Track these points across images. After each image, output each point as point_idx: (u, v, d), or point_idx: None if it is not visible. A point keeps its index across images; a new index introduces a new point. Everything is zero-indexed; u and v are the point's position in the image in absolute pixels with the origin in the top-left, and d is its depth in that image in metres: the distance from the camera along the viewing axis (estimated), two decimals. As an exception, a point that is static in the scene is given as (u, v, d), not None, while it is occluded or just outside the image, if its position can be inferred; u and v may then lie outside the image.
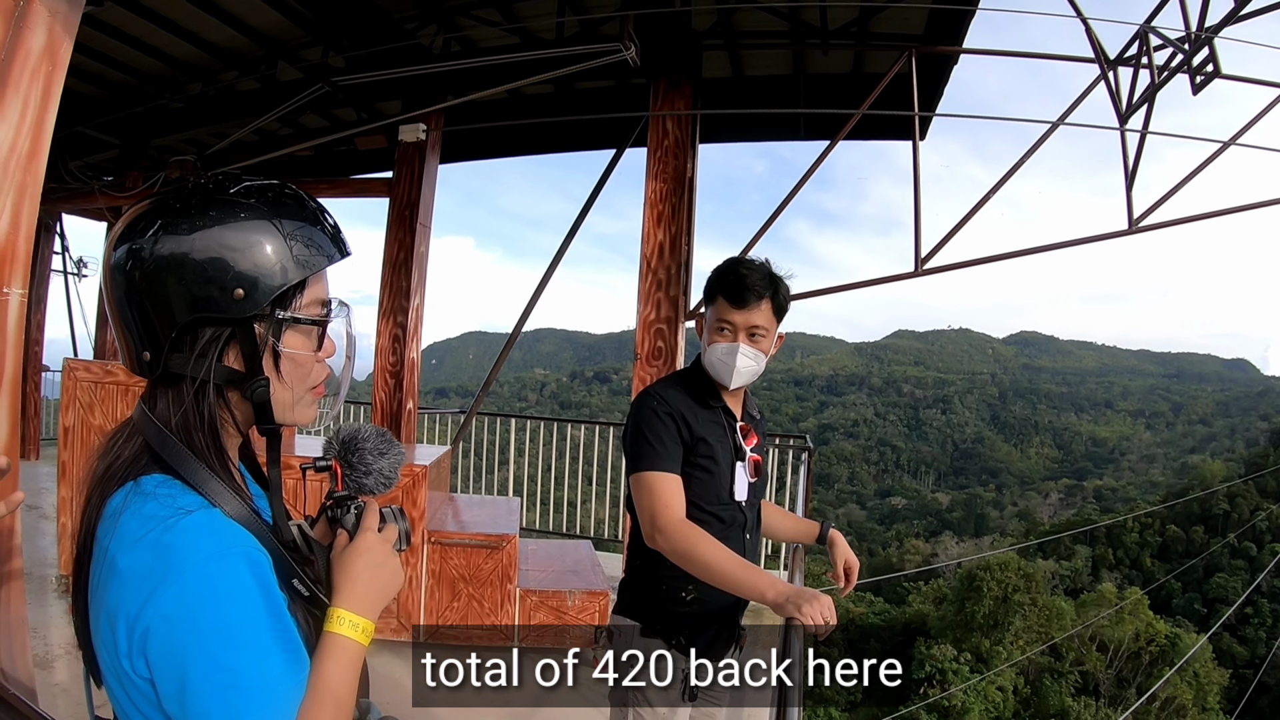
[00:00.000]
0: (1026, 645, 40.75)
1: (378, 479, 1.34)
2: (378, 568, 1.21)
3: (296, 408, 1.23)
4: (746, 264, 2.46)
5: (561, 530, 8.43)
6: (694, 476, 2.42)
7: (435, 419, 9.91)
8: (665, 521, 2.30)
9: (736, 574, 2.22)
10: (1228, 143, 6.29)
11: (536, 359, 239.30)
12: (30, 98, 2.01)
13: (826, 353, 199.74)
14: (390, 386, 7.07)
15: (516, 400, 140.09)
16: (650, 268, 6.22)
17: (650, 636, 2.44)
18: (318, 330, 1.21)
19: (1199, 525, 62.80)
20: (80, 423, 5.23)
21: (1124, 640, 41.00)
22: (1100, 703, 39.17)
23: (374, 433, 1.36)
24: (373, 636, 1.18)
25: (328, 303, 1.23)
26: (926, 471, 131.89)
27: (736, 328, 2.42)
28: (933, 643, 41.75)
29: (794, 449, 7.61)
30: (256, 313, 1.13)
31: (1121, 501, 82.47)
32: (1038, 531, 64.46)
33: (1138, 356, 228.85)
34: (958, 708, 37.79)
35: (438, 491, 5.71)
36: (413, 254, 7.11)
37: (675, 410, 2.41)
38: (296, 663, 1.09)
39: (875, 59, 7.19)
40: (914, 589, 51.19)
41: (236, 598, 1.04)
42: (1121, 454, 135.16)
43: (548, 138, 8.78)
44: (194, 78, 7.98)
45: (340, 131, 7.62)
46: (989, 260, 6.37)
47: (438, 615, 5.14)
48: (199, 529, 1.06)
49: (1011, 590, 41.58)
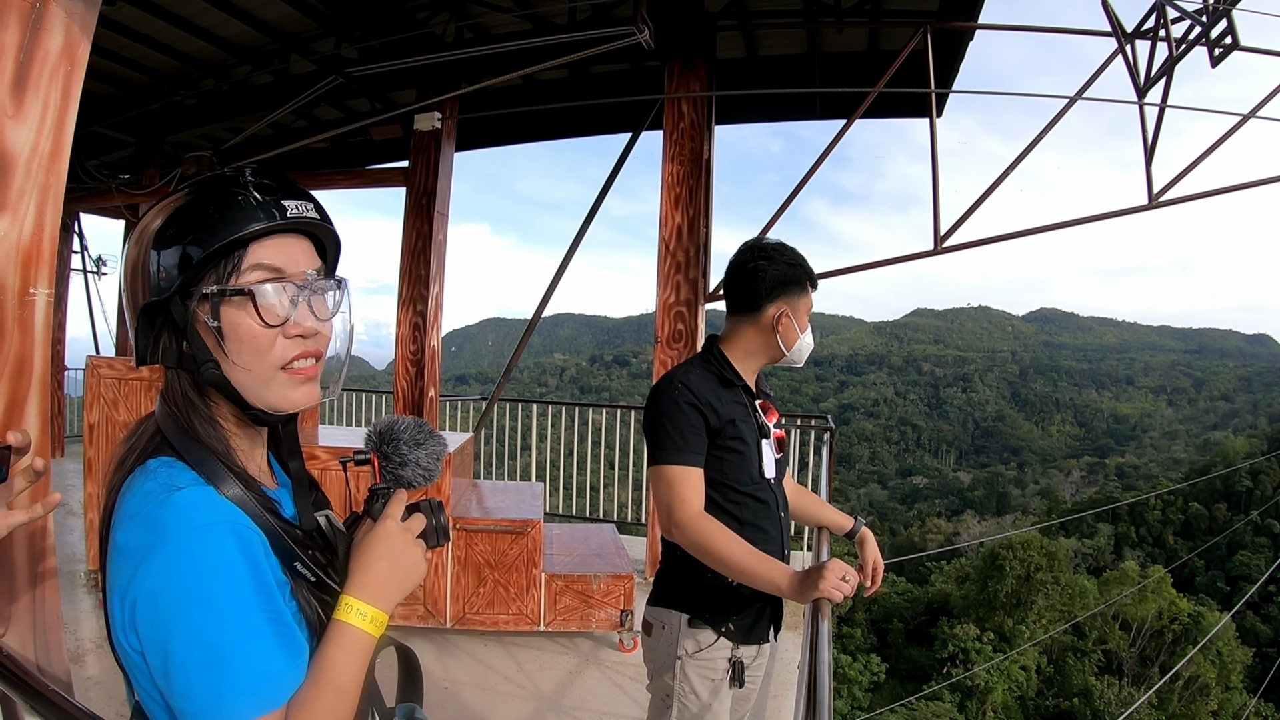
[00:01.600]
0: (1049, 624, 40.72)
1: (415, 470, 1.32)
2: (395, 556, 1.21)
3: (270, 388, 1.20)
4: (795, 250, 2.55)
5: (585, 514, 8.49)
6: (725, 459, 2.42)
7: (457, 406, 9.95)
8: (682, 515, 2.30)
9: (754, 567, 2.23)
10: (1247, 115, 6.21)
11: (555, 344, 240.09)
12: (50, 99, 2.02)
13: (845, 332, 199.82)
14: (412, 375, 7.09)
15: (537, 385, 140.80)
16: (669, 250, 6.21)
17: (699, 627, 2.44)
18: (251, 302, 1.16)
19: (1222, 502, 62.47)
20: (105, 419, 5.28)
21: (1147, 619, 40.89)
22: (1124, 681, 39.09)
23: (411, 424, 1.35)
24: (385, 627, 1.18)
25: (281, 272, 1.18)
26: (948, 450, 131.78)
27: None
28: (956, 622, 41.80)
29: (815, 429, 7.61)
30: (177, 291, 1.14)
31: (1144, 479, 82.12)
32: (1060, 510, 64.26)
33: (1159, 332, 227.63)
34: (981, 687, 37.78)
35: (461, 478, 5.74)
36: (431, 242, 7.12)
37: (700, 398, 2.40)
38: (291, 645, 1.09)
39: (890, 36, 7.14)
40: (936, 568, 51.22)
41: (221, 571, 1.05)
42: (1143, 431, 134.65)
43: (563, 123, 8.77)
44: (207, 73, 7.99)
45: (355, 123, 7.61)
46: (1009, 237, 6.32)
47: (464, 601, 5.17)
48: (188, 504, 1.08)
49: (1034, 569, 41.51)
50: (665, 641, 2.50)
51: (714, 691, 2.43)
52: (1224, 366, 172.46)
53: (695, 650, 2.43)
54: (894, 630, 44.11)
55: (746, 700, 2.68)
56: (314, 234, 1.26)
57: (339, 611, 1.15)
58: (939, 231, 6.12)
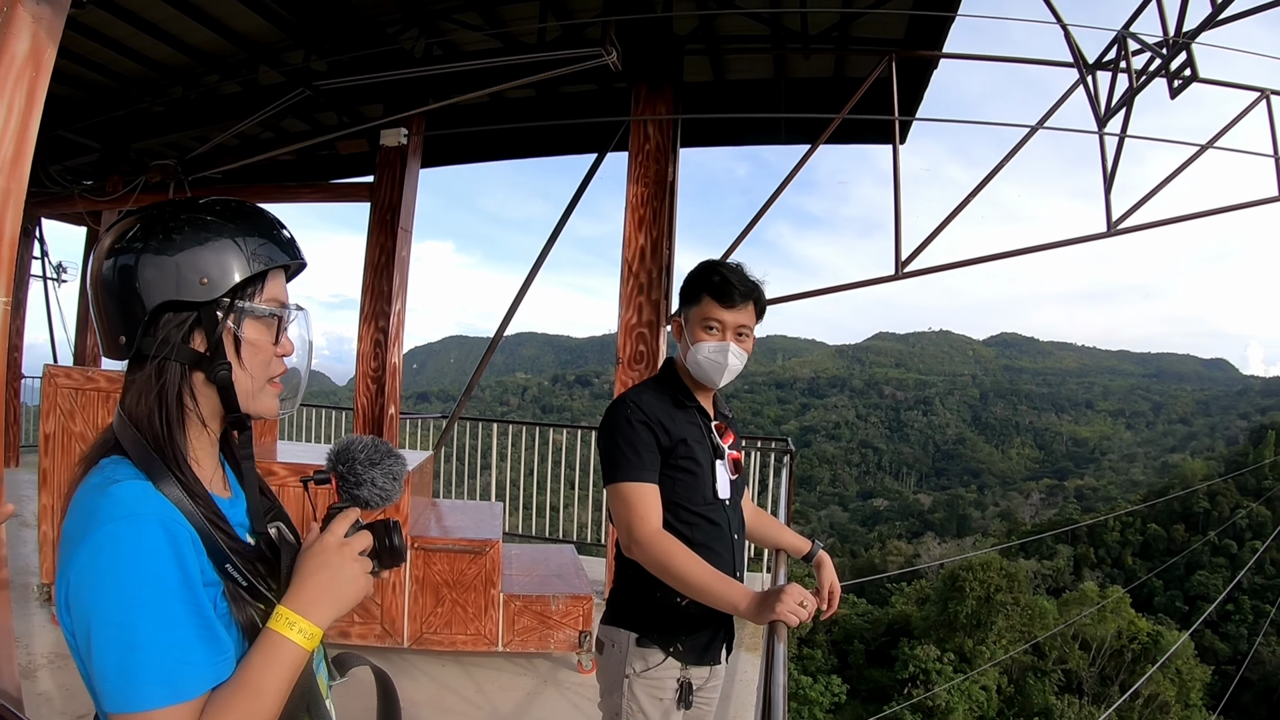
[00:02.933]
0: (1009, 644, 40.95)
1: (371, 489, 1.34)
2: (331, 570, 1.24)
3: (258, 396, 1.31)
4: (728, 266, 2.48)
5: (544, 535, 8.43)
6: (677, 479, 2.42)
7: (418, 424, 9.89)
8: (642, 533, 2.31)
9: (712, 586, 2.23)
10: (1205, 146, 6.34)
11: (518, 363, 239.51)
12: (14, 103, 2.00)
13: (807, 355, 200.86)
14: (372, 392, 7.04)
15: (498, 404, 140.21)
16: (631, 271, 6.22)
17: (647, 645, 2.44)
18: (275, 324, 1.32)
19: (1180, 523, 63.39)
20: (61, 429, 5.20)
21: (1106, 638, 41.29)
22: (1084, 700, 39.43)
23: (368, 443, 1.38)
24: (318, 641, 1.20)
25: (285, 304, 1.34)
26: (908, 473, 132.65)
27: (725, 326, 2.44)
28: (916, 643, 41.97)
29: (775, 451, 7.64)
30: (218, 298, 1.24)
31: (1103, 501, 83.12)
32: (1019, 531, 64.91)
33: (1118, 357, 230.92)
34: (942, 707, 37.90)
35: (421, 497, 5.70)
36: (394, 258, 7.08)
37: (651, 416, 2.41)
38: (211, 641, 1.13)
39: (856, 63, 7.22)
40: (897, 590, 51.47)
41: (143, 559, 1.09)
42: (1102, 453, 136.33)
43: (529, 142, 8.78)
44: (175, 81, 7.92)
45: (321, 136, 7.58)
46: (969, 263, 6.40)
47: (422, 621, 5.13)
48: (121, 494, 1.14)
49: (994, 590, 41.80)
50: (614, 660, 2.50)
51: (663, 712, 2.44)
52: (1182, 390, 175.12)
53: (643, 669, 2.43)
54: (855, 651, 44.20)
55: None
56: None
57: (271, 620, 1.18)
58: (900, 256, 6.18)
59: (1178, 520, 64.35)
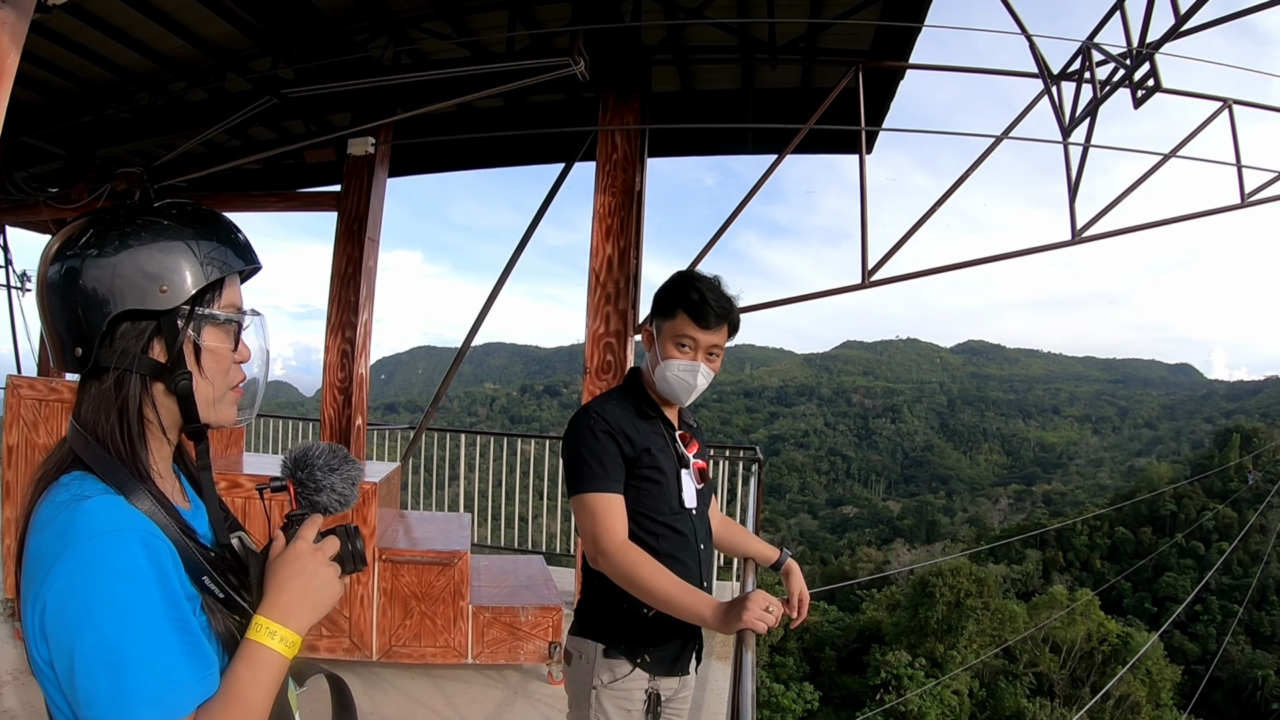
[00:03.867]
0: (980, 649, 41.21)
1: (330, 495, 1.35)
2: (307, 577, 1.23)
3: (218, 405, 1.30)
4: (706, 283, 2.46)
5: (513, 545, 8.38)
6: (642, 489, 2.42)
7: (385, 435, 9.81)
8: (607, 544, 2.30)
9: (679, 597, 2.22)
10: (1168, 155, 6.44)
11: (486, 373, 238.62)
12: (-25, 108, 1.97)
13: (776, 364, 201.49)
14: (339, 402, 6.99)
15: (466, 415, 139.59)
16: (599, 281, 6.21)
17: (614, 657, 2.44)
18: (234, 331, 1.31)
19: (1147, 526, 64.11)
20: (24, 441, 5.11)
21: (1077, 640, 41.67)
22: (1055, 703, 39.77)
23: (326, 449, 1.38)
24: (298, 648, 1.20)
25: (242, 309, 1.32)
26: (877, 480, 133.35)
27: (698, 345, 2.44)
28: (888, 649, 42.15)
29: (744, 460, 7.64)
30: (177, 307, 1.22)
31: (1070, 505, 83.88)
32: (988, 536, 65.38)
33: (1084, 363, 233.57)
34: (914, 712, 38.07)
35: (388, 508, 5.66)
36: (361, 268, 7.04)
37: (615, 426, 2.40)
38: (198, 657, 1.12)
39: (823, 74, 7.28)
40: (867, 596, 51.67)
41: (127, 575, 1.07)
42: (1069, 458, 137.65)
43: (498, 151, 8.76)
44: (142, 87, 7.84)
45: (289, 144, 7.53)
46: (935, 271, 6.46)
47: (390, 634, 5.08)
48: (96, 510, 1.12)
49: (964, 595, 42.05)
50: (582, 671, 2.49)
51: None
52: (1147, 395, 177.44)
53: (611, 680, 2.42)
54: (826, 658, 44.31)
55: None
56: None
57: (250, 630, 1.17)
58: (867, 265, 6.22)
59: (1145, 523, 65.07)
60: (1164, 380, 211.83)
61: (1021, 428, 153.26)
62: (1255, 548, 57.37)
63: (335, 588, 1.27)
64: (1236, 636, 50.37)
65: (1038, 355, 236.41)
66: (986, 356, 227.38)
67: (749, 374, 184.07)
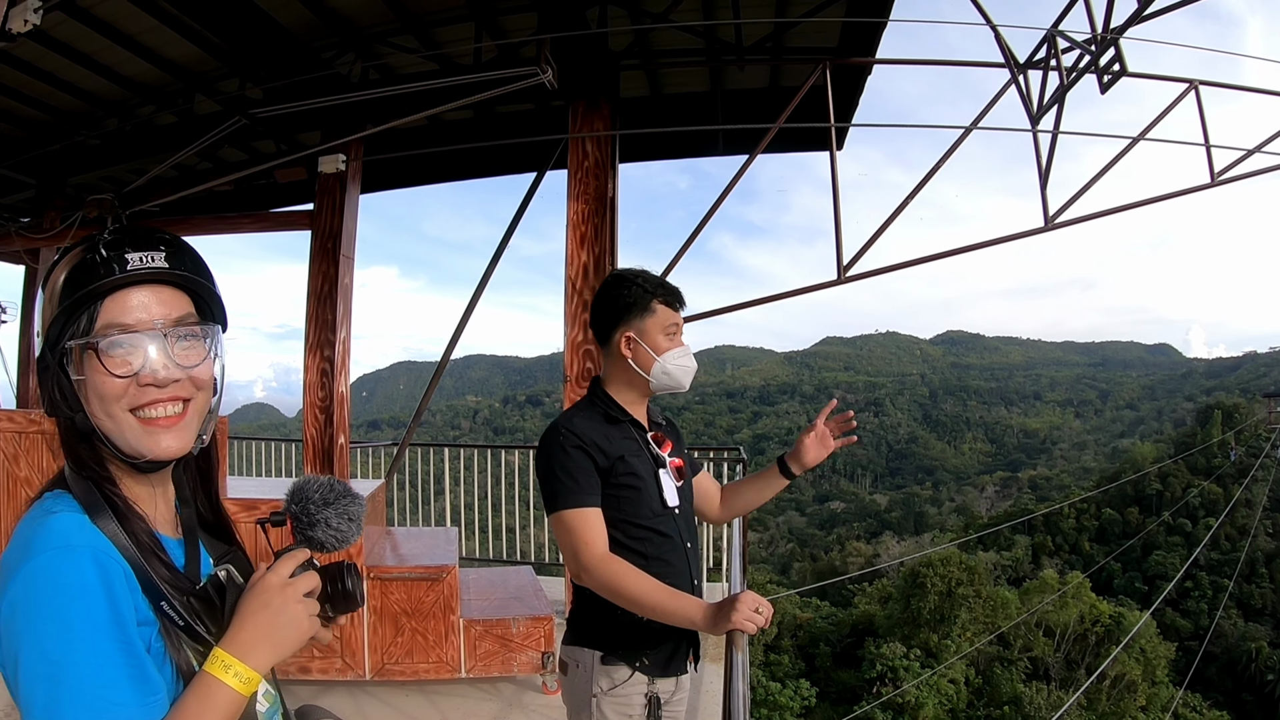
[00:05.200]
0: (974, 636, 41.37)
1: (325, 530, 1.31)
2: (271, 612, 1.19)
3: (126, 435, 1.22)
4: (646, 273, 2.55)
5: (502, 557, 8.36)
6: (622, 496, 2.42)
7: (369, 453, 9.76)
8: (589, 559, 2.31)
9: (666, 604, 2.23)
10: (1137, 138, 6.50)
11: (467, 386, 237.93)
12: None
13: (757, 363, 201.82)
14: (321, 422, 6.94)
15: (450, 429, 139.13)
16: (575, 289, 6.21)
17: (612, 663, 2.43)
18: (97, 354, 1.20)
19: (1134, 506, 64.54)
20: (5, 474, 5.06)
21: (1069, 623, 41.93)
22: (1051, 686, 39.96)
23: (324, 483, 1.35)
24: (255, 685, 1.16)
25: (130, 326, 1.21)
26: (863, 474, 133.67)
27: (679, 329, 2.49)
28: (882, 642, 42.24)
29: (728, 461, 7.66)
30: (43, 351, 1.22)
31: (1056, 489, 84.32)
32: (976, 525, 65.62)
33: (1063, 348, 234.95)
34: (912, 704, 38.17)
35: (374, 526, 5.64)
36: (337, 286, 7.00)
37: (585, 439, 2.40)
38: (142, 681, 1.10)
39: (791, 73, 7.30)
40: (859, 590, 51.79)
41: (75, 591, 1.07)
42: (1053, 443, 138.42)
43: (469, 163, 8.74)
44: (110, 113, 7.78)
45: (259, 165, 7.49)
46: (909, 264, 6.49)
47: (382, 652, 5.07)
48: (55, 526, 1.13)
49: (955, 584, 42.23)
50: (580, 680, 2.49)
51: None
52: (1128, 377, 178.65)
53: (610, 687, 2.42)
54: (821, 654, 44.35)
55: None
56: (181, 283, 1.28)
57: (207, 663, 1.15)
58: (842, 261, 6.25)
59: (1131, 503, 65.51)
60: (1143, 361, 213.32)
61: (1004, 415, 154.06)
62: (1242, 522, 57.87)
63: (303, 625, 1.21)
64: (1228, 610, 50.84)
65: (1017, 343, 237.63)
66: (966, 346, 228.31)
67: (730, 375, 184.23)
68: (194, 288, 1.29)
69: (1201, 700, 42.40)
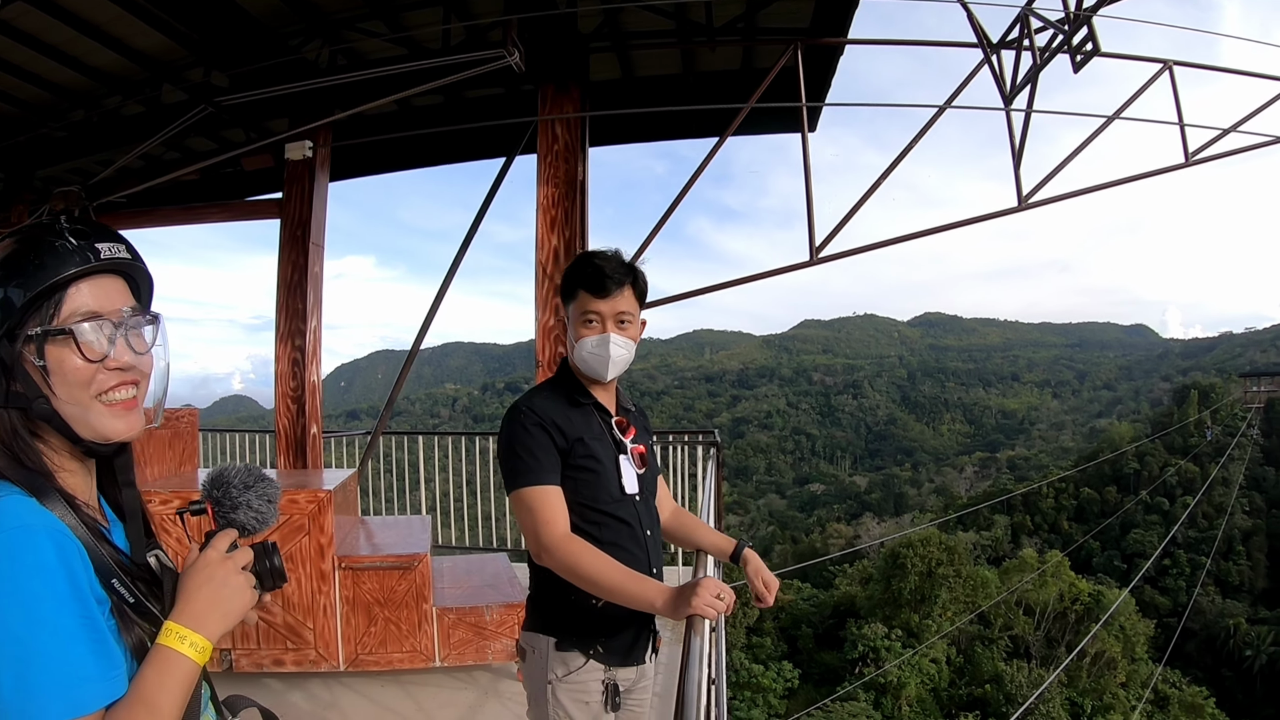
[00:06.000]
0: (955, 616, 41.78)
1: (247, 513, 1.36)
2: (216, 584, 1.25)
3: (89, 419, 1.24)
4: (600, 255, 2.47)
5: (479, 545, 8.31)
6: (579, 479, 2.39)
7: (343, 442, 9.69)
8: (549, 538, 2.27)
9: (625, 586, 2.20)
10: (1111, 117, 6.52)
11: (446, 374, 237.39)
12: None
13: (735, 347, 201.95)
14: (293, 412, 6.89)
15: (429, 417, 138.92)
16: (546, 273, 6.17)
17: (566, 649, 2.40)
18: (74, 339, 1.22)
19: (1112, 485, 65.19)
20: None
21: (1049, 602, 42.39)
22: (1032, 663, 40.40)
23: (242, 469, 1.39)
24: (209, 654, 1.21)
25: (97, 313, 1.25)
26: (842, 456, 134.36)
27: (604, 317, 2.41)
28: (863, 622, 42.59)
29: (703, 444, 7.62)
30: (4, 334, 1.20)
31: (1035, 469, 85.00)
32: (956, 505, 66.18)
33: (1040, 329, 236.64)
34: (894, 683, 38.55)
35: (346, 515, 5.58)
36: (307, 274, 6.95)
37: (545, 418, 2.37)
38: (105, 655, 1.13)
39: (763, 54, 7.27)
40: (840, 571, 52.17)
41: (34, 570, 1.09)
42: (1031, 424, 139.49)
43: (439, 149, 8.67)
44: (77, 104, 7.66)
45: (226, 153, 7.40)
46: (882, 245, 6.49)
47: (356, 642, 5.02)
48: (8, 508, 1.13)
49: (935, 564, 42.60)
50: (536, 666, 2.46)
51: (591, 716, 2.40)
52: (1104, 357, 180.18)
53: (565, 674, 2.39)
54: (803, 636, 44.68)
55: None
56: (128, 273, 1.32)
57: (161, 635, 1.19)
58: (814, 242, 6.23)
59: (1109, 482, 66.19)
60: (1120, 342, 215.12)
61: (982, 396, 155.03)
62: (1219, 500, 58.65)
63: (246, 595, 1.28)
64: (1206, 588, 51.59)
65: (994, 324, 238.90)
66: (944, 328, 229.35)
67: (709, 359, 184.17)
68: (143, 279, 1.35)
69: (1181, 676, 43.05)
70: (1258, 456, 64.87)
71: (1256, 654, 46.46)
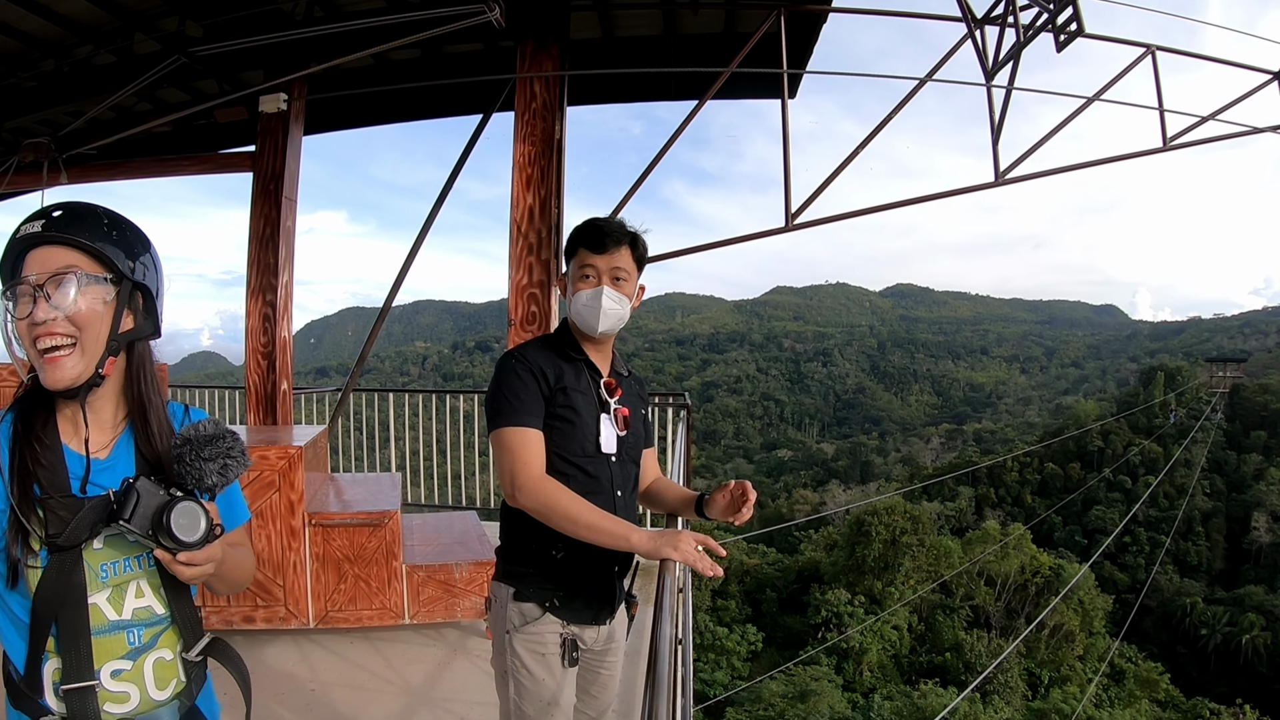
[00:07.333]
0: (917, 584, 42.35)
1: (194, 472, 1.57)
2: None
3: (37, 367, 1.51)
4: (602, 218, 2.50)
5: (448, 503, 8.31)
6: (556, 427, 2.40)
7: (314, 399, 9.63)
8: (524, 479, 2.28)
9: (600, 523, 2.22)
10: (1091, 98, 6.54)
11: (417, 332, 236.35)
12: None
13: (707, 311, 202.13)
14: (263, 368, 6.83)
15: (399, 375, 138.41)
16: (520, 232, 6.14)
17: (524, 601, 2.42)
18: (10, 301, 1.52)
19: (1076, 462, 66.09)
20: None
21: (1010, 574, 43.03)
22: (992, 634, 41.05)
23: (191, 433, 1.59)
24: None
25: (24, 280, 1.49)
26: (810, 423, 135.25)
27: (599, 271, 2.44)
28: (827, 588, 43.08)
29: (673, 406, 7.63)
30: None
31: (1001, 443, 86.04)
32: (921, 475, 66.87)
33: (1011, 305, 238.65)
34: (856, 649, 39.07)
35: (317, 473, 5.56)
36: (279, 229, 6.86)
37: (534, 365, 2.40)
38: None
39: (746, 18, 7.20)
40: (805, 537, 52.68)
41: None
42: (999, 398, 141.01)
43: (416, 104, 8.55)
44: (47, 54, 7.45)
45: (199, 105, 7.27)
46: (857, 214, 6.50)
47: (325, 599, 5.02)
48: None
49: (899, 533, 43.09)
50: (498, 615, 2.49)
51: (547, 668, 2.42)
52: (1074, 335, 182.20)
53: (522, 624, 2.41)
54: (768, 600, 45.17)
55: (608, 686, 2.67)
56: (69, 242, 1.52)
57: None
58: (790, 208, 6.23)
59: (1073, 459, 67.15)
60: (1090, 321, 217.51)
61: (951, 368, 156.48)
62: (1180, 481, 59.65)
63: None
64: (1165, 566, 52.62)
65: (966, 298, 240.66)
66: (915, 299, 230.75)
67: (680, 322, 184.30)
68: (78, 246, 1.51)
69: (1137, 651, 44.00)
70: (1220, 440, 66.03)
71: (1211, 633, 47.57)
